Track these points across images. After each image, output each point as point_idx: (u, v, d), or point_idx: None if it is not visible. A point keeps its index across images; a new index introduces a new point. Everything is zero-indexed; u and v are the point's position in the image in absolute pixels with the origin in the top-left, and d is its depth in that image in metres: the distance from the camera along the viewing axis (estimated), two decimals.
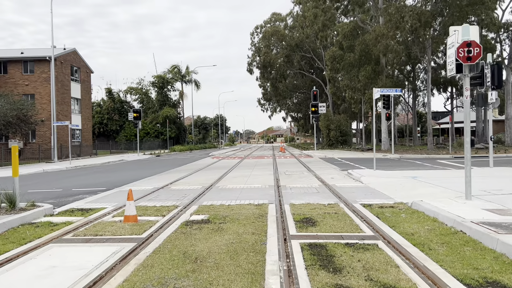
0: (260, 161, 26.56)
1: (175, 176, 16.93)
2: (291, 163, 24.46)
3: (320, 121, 42.40)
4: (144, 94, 60.22)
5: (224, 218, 8.05)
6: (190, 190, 12.55)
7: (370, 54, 35.72)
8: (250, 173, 17.64)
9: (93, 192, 12.72)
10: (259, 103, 72.25)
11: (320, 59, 51.87)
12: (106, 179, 17.61)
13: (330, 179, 14.81)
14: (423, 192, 10.62)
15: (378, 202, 9.58)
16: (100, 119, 57.47)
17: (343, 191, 11.49)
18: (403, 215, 8.12)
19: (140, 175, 18.55)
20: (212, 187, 13.22)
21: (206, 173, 18.34)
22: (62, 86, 36.90)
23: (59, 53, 36.66)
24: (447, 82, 44.85)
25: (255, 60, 55.21)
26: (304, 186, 12.98)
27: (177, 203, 10.06)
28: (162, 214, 8.67)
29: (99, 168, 24.68)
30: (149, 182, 15.02)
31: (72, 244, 6.41)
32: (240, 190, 12.18)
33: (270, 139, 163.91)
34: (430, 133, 33.86)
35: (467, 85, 8.83)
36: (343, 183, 13.56)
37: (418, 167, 19.34)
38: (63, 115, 36.81)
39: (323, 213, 8.38)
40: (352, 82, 35.57)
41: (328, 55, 37.12)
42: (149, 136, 57.18)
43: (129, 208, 7.93)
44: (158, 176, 17.42)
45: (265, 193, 11.56)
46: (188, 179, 15.79)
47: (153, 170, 21.56)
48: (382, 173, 15.61)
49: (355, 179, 14.42)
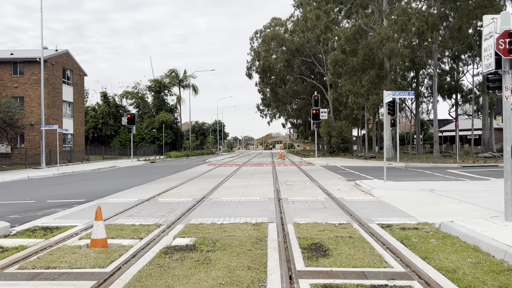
0: (259, 169, 25.08)
1: (165, 186, 15.42)
2: (291, 171, 22.97)
3: (321, 127, 40.97)
4: (140, 99, 58.70)
5: (214, 243, 6.55)
6: (178, 203, 11.05)
7: (373, 58, 34.39)
8: (247, 183, 16.15)
9: (68, 205, 11.21)
10: (258, 108, 70.89)
11: (321, 64, 50.57)
12: (90, 188, 16.10)
13: (336, 191, 13.32)
14: (448, 209, 9.14)
15: (398, 222, 8.09)
16: (94, 123, 55.92)
17: (354, 207, 10.01)
18: (433, 241, 6.63)
19: (128, 183, 17.04)
20: (204, 199, 11.71)
21: (199, 183, 16.84)
22: (53, 89, 35.43)
23: (50, 55, 35.24)
24: (452, 88, 43.53)
25: (254, 65, 53.88)
26: (308, 199, 11.48)
27: (161, 220, 8.55)
28: (139, 236, 7.17)
29: (87, 175, 23.16)
30: (135, 193, 13.51)
31: (9, 283, 4.89)
32: (235, 204, 10.68)
33: (269, 145, 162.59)
34: (436, 141, 32.44)
35: (508, 84, 7.38)
36: (351, 196, 12.06)
37: (430, 178, 17.85)
38: (53, 119, 35.31)
39: (335, 236, 6.89)
40: (355, 87, 34.19)
41: (330, 59, 35.77)
42: (145, 141, 55.59)
43: (97, 231, 6.42)
44: (147, 186, 15.91)
45: (264, 208, 10.06)
46: (179, 190, 14.28)
47: (143, 178, 20.06)
48: (393, 184, 14.12)
49: (365, 191, 12.93)
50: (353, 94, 34.26)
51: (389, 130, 34.74)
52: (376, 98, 32.56)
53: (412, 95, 14.22)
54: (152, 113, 58.11)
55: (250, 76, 54.16)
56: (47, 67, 34.33)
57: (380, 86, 33.19)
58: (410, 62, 40.79)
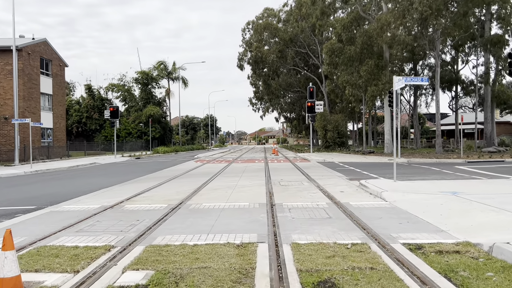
0: (250, 166, 23.02)
1: (140, 187, 13.31)
2: (286, 168, 20.95)
3: (316, 121, 38.96)
4: (126, 91, 56.09)
5: (177, 282, 4.49)
6: (148, 211, 8.97)
7: (372, 47, 32.39)
8: (236, 183, 14.09)
9: (11, 214, 9.07)
10: (250, 102, 68.65)
11: (316, 55, 48.48)
12: (54, 189, 13.95)
13: (339, 193, 11.32)
14: (486, 220, 7.18)
15: (430, 241, 6.08)
16: (78, 117, 53.30)
17: (365, 216, 8.01)
18: (491, 275, 4.63)
19: (100, 184, 14.91)
20: (181, 206, 9.64)
21: (181, 183, 14.75)
22: (30, 80, 32.98)
23: (25, 43, 32.78)
24: (452, 80, 41.68)
25: (246, 56, 51.57)
26: (307, 205, 9.46)
27: (116, 239, 6.47)
28: (75, 267, 5.08)
29: (60, 174, 20.95)
30: (101, 197, 11.40)
31: None
32: (218, 213, 8.62)
33: (262, 140, 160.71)
34: (439, 135, 30.55)
35: None
36: (359, 200, 10.07)
37: (442, 176, 15.93)
38: (30, 112, 32.91)
39: (350, 268, 4.87)
40: (353, 78, 32.16)
41: (326, 48, 33.66)
42: (131, 136, 53.09)
43: (3, 266, 4.33)
44: (119, 187, 13.78)
45: (254, 218, 8.02)
46: (154, 192, 12.18)
47: (120, 177, 17.92)
48: (405, 185, 12.12)
49: (374, 194, 10.92)
50: (351, 85, 32.25)
51: (389, 123, 32.84)
52: (375, 90, 30.60)
53: (427, 81, 12.25)
54: (140, 106, 55.60)
55: (242, 68, 51.91)
56: (22, 56, 31.88)
57: (379, 76, 31.23)
58: (409, 53, 38.86)
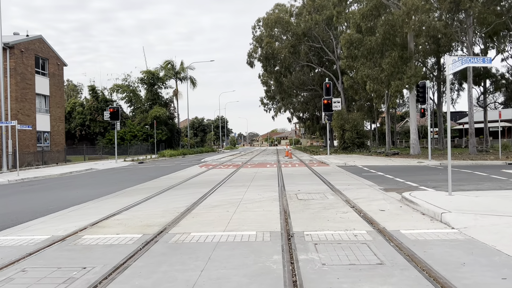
0: (261, 172, 20.12)
1: (120, 204, 10.54)
2: (302, 174, 18.00)
3: (333, 120, 35.87)
4: (132, 92, 53.58)
5: None
6: (110, 247, 6.17)
7: (395, 37, 29.26)
8: (241, 196, 11.22)
9: None
10: (261, 102, 65.83)
11: (331, 50, 45.36)
12: (16, 206, 11.27)
13: (379, 212, 8.39)
14: None
15: None
16: (82, 120, 50.99)
17: (436, 260, 5.10)
18: None
19: (77, 198, 12.23)
20: (160, 237, 6.81)
21: (174, 196, 11.93)
22: (23, 80, 30.62)
23: (18, 40, 30.46)
24: (481, 74, 38.23)
25: (256, 52, 48.63)
26: (340, 235, 6.56)
27: None
28: None
29: (45, 183, 18.37)
30: (61, 220, 8.65)
31: None
32: (208, 253, 5.75)
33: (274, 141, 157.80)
34: (472, 133, 27.27)
35: None
36: (412, 226, 7.12)
37: (498, 184, 12.84)
38: (24, 114, 30.56)
39: None
40: (374, 72, 29.04)
41: (344, 40, 30.56)
42: (137, 139, 50.55)
43: None
44: (95, 204, 11.01)
45: (261, 265, 5.14)
46: (135, 212, 9.38)
47: (107, 187, 15.23)
48: (469, 201, 8.99)
49: (429, 215, 7.93)
50: (372, 80, 29.11)
51: (415, 122, 29.62)
52: (399, 84, 27.46)
53: (489, 62, 9.19)
54: (145, 108, 53.08)
55: (252, 65, 48.91)
56: (15, 54, 29.55)
57: (404, 69, 28.09)
58: (435, 44, 35.62)
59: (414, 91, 28.40)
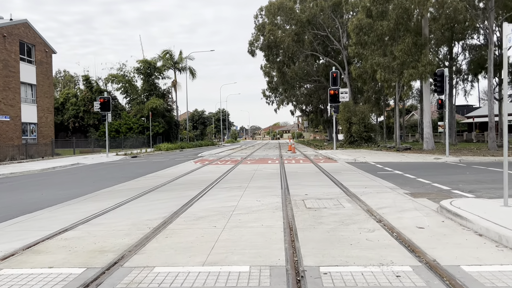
0: (261, 169, 17.92)
1: (81, 213, 8.39)
2: (309, 173, 15.80)
3: (339, 112, 33.59)
4: (128, 83, 51.25)
5: None
6: None
7: (408, 22, 26.91)
8: (236, 203, 9.04)
9: None
10: (264, 94, 63.49)
11: (337, 39, 42.92)
12: None
13: (417, 231, 6.21)
14: None
15: None
16: (75, 111, 48.77)
17: None
18: None
19: (37, 202, 10.11)
20: (106, 275, 4.63)
21: (153, 202, 9.75)
22: (5, 67, 28.42)
23: (0, 24, 28.20)
24: (497, 64, 35.73)
25: (258, 41, 46.20)
26: (375, 277, 4.36)
27: None
28: None
29: (17, 181, 16.26)
30: None
31: None
32: None
33: (277, 135, 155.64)
34: (492, 127, 24.99)
35: None
36: (475, 259, 4.93)
37: None
38: (7, 104, 28.42)
39: None
40: (385, 60, 26.71)
41: (353, 25, 28.18)
42: (132, 131, 48.33)
43: None
44: (49, 213, 8.81)
45: None
46: (94, 226, 7.20)
47: (82, 187, 13.10)
48: None
49: (493, 239, 5.72)
50: (383, 69, 26.78)
51: (429, 115, 27.30)
52: (414, 73, 25.14)
53: None
54: (142, 99, 50.82)
55: (253, 54, 46.45)
56: None
57: (419, 57, 25.75)
58: (449, 31, 33.19)
59: (428, 80, 26.11)
